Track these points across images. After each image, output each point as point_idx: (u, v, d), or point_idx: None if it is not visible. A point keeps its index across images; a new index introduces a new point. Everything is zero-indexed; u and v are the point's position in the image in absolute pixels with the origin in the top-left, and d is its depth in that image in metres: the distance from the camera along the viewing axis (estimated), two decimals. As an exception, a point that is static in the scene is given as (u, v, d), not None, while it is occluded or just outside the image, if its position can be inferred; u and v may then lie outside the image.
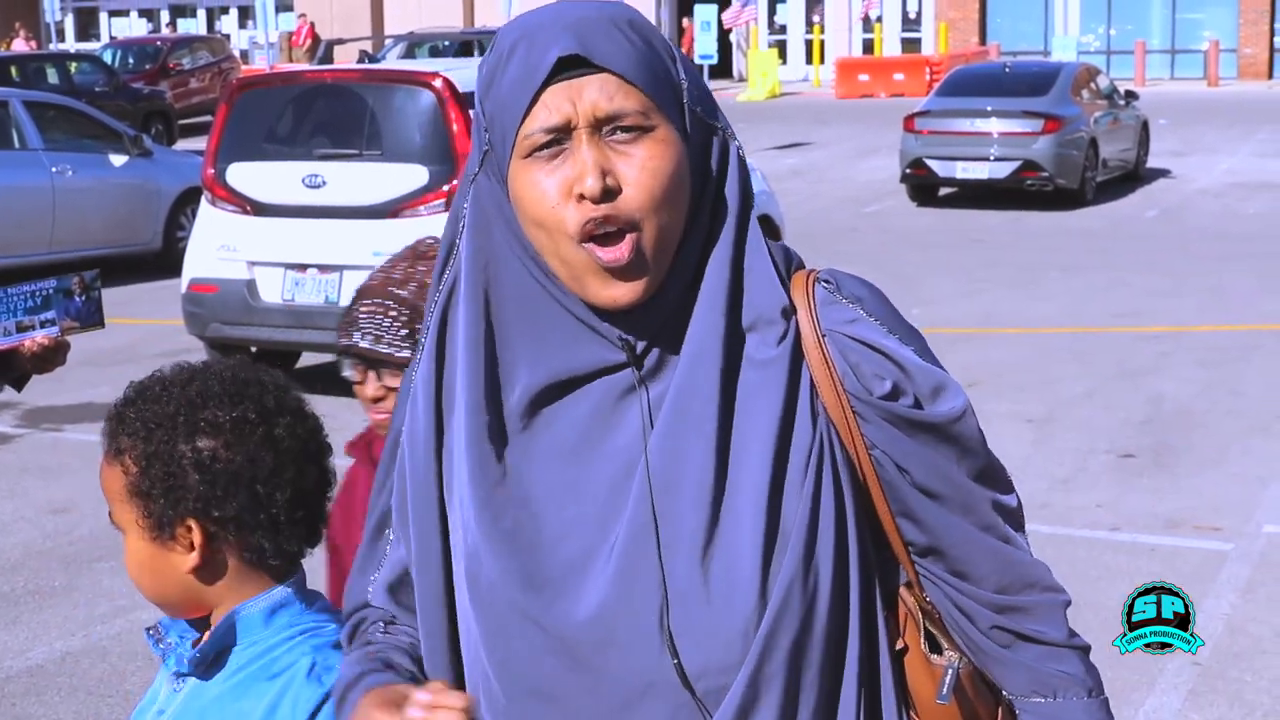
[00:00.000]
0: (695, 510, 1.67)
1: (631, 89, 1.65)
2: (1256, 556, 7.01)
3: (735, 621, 1.66)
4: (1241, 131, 27.51)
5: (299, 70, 14.81)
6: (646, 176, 1.65)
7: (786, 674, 1.68)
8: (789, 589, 1.67)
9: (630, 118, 1.65)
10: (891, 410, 1.71)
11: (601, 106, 1.65)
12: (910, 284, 14.15)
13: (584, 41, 1.65)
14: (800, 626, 1.68)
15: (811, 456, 1.70)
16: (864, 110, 33.55)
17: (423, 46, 29.27)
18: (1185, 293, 13.75)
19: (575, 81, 1.65)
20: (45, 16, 41.27)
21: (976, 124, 19.80)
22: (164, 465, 2.04)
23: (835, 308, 1.74)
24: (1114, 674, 5.67)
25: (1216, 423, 9.29)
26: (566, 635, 1.68)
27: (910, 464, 1.73)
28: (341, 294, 9.67)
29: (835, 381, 1.71)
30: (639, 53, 1.67)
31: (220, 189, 10.20)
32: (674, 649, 1.66)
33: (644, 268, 1.66)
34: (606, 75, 1.65)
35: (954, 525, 1.76)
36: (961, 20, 43.67)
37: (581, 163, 1.64)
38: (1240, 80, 41.09)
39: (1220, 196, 20.48)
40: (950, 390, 1.74)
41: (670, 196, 1.66)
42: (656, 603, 1.66)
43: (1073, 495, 7.94)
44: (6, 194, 14.28)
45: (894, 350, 1.73)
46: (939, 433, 1.73)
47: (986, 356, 11.06)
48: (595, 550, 1.69)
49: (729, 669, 1.67)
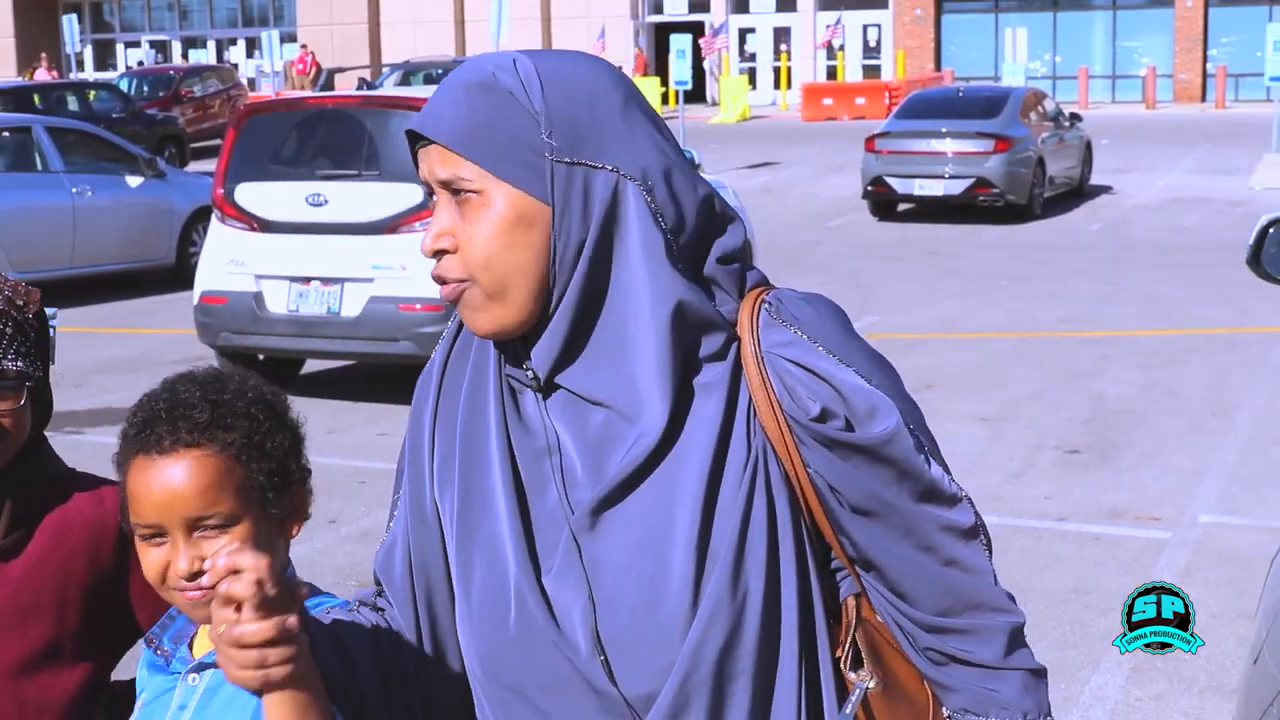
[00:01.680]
0: (629, 528, 1.68)
1: (459, 158, 1.67)
2: (1193, 544, 7.03)
3: (662, 631, 1.65)
4: (1178, 150, 27.58)
5: (302, 97, 14.79)
6: (467, 239, 1.68)
7: (714, 683, 1.66)
8: (717, 602, 1.65)
9: (460, 183, 1.68)
10: (822, 433, 1.66)
11: (438, 173, 1.69)
12: (870, 293, 14.16)
13: (429, 113, 1.69)
14: (728, 638, 1.65)
15: (745, 475, 1.67)
16: (828, 132, 33.57)
17: (418, 74, 29.24)
18: (1126, 300, 13.77)
19: (427, 148, 1.70)
20: (66, 48, 41.13)
21: (932, 144, 19.83)
22: (279, 459, 1.94)
23: (775, 329, 1.70)
24: (1061, 655, 5.71)
25: (1155, 420, 9.31)
26: (524, 635, 1.70)
27: (842, 485, 1.68)
28: (343, 305, 9.66)
29: (773, 403, 1.67)
30: (475, 121, 1.67)
31: (229, 207, 10.17)
32: (603, 653, 1.66)
33: (486, 307, 1.69)
34: (439, 146, 1.69)
35: (890, 546, 1.71)
36: (918, 48, 43.74)
37: (431, 221, 1.72)
38: (1176, 103, 41.21)
39: (1158, 211, 20.53)
40: (881, 412, 1.68)
41: (498, 250, 1.67)
42: (588, 608, 1.68)
43: (1023, 488, 7.95)
44: (30, 213, 14.22)
45: (828, 372, 1.68)
46: (870, 455, 1.68)
47: (942, 360, 11.07)
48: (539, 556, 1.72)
49: (656, 675, 1.66)
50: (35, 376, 2.18)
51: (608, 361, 1.68)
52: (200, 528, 1.87)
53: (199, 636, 2.07)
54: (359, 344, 9.75)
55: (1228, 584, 6.44)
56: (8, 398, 2.15)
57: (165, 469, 1.87)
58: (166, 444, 1.88)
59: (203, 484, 1.86)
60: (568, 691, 1.68)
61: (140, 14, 52.72)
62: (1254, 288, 12.44)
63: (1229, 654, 5.60)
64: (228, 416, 1.91)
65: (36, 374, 2.18)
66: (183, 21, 52.40)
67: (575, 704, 1.68)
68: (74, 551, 2.20)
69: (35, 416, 2.22)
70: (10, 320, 2.16)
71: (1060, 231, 18.96)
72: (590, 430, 1.70)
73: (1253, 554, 6.75)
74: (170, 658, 2.05)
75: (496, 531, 1.72)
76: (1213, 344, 11.55)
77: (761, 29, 45.78)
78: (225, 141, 10.63)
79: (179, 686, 2.05)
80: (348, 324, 9.64)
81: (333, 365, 11.02)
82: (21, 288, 2.23)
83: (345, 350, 9.97)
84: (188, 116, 32.29)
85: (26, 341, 2.18)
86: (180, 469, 1.86)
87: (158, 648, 2.06)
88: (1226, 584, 6.44)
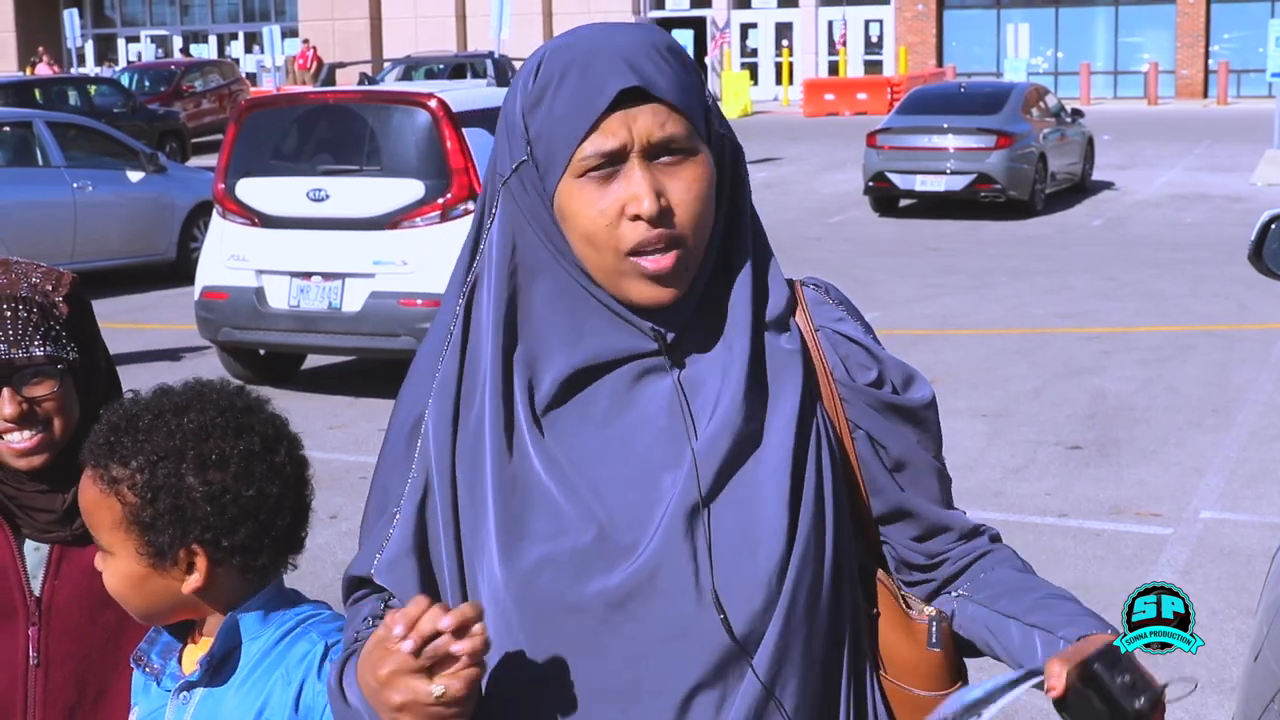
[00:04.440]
0: (731, 473, 1.73)
1: (679, 116, 1.70)
2: (1194, 540, 7.04)
3: (761, 573, 1.71)
4: (1179, 147, 27.58)
5: (303, 91, 14.77)
6: (692, 199, 1.70)
7: (807, 625, 1.73)
8: (807, 545, 1.73)
9: (678, 143, 1.69)
10: (876, 396, 1.82)
11: (655, 134, 1.68)
12: (871, 289, 14.16)
13: (640, 73, 1.68)
14: (813, 581, 1.74)
15: (816, 432, 1.78)
16: (829, 128, 33.56)
17: (419, 69, 29.18)
18: (1126, 296, 13.77)
19: (631, 110, 1.68)
20: (67, 42, 41.12)
21: (934, 140, 19.82)
22: (172, 498, 1.93)
23: (825, 308, 1.85)
24: (1062, 650, 5.71)
25: (1156, 417, 9.31)
26: (607, 588, 1.69)
27: (888, 441, 1.83)
28: (344, 300, 9.67)
29: (827, 371, 1.82)
30: (681, 80, 1.71)
31: (230, 202, 10.18)
32: (718, 599, 1.69)
33: (683, 274, 1.72)
34: (658, 104, 1.69)
35: (921, 489, 1.87)
36: (920, 44, 43.71)
37: (638, 186, 1.68)
38: (1178, 99, 41.19)
39: (1160, 207, 20.52)
40: (919, 381, 1.87)
41: (708, 213, 1.73)
42: (698, 555, 1.70)
43: (1023, 484, 7.96)
44: (31, 208, 14.23)
45: (872, 346, 1.85)
46: (913, 416, 1.84)
47: (943, 356, 11.07)
48: (639, 507, 1.71)
49: (758, 616, 1.70)
50: (67, 359, 2.18)
51: (713, 323, 1.77)
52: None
53: (188, 652, 2.06)
54: (360, 339, 9.76)
55: (1228, 580, 6.44)
56: (43, 382, 2.16)
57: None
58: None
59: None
60: (666, 644, 1.69)
61: (141, 8, 52.72)
62: (1255, 284, 12.48)
63: (1230, 650, 5.61)
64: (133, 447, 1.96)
65: (70, 356, 2.18)
66: (184, 16, 52.39)
67: (677, 653, 1.69)
68: None
69: (101, 400, 2.22)
70: (35, 306, 2.17)
71: (1061, 228, 18.96)
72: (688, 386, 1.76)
73: (1253, 550, 6.76)
74: (160, 674, 2.04)
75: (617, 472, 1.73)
76: (1214, 340, 11.55)
77: (763, 24, 45.75)
78: (226, 136, 10.63)
79: (169, 704, 2.03)
80: (349, 319, 9.64)
81: (334, 360, 11.03)
82: (54, 273, 2.25)
83: (346, 345, 9.98)
84: (189, 111, 32.29)
85: (55, 325, 2.18)
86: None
87: (146, 665, 2.05)
88: (1227, 580, 6.44)
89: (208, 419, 1.97)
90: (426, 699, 1.55)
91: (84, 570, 2.17)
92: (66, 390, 2.18)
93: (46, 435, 2.17)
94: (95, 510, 1.97)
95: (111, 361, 2.35)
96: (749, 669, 1.70)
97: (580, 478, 1.72)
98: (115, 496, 1.95)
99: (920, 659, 1.84)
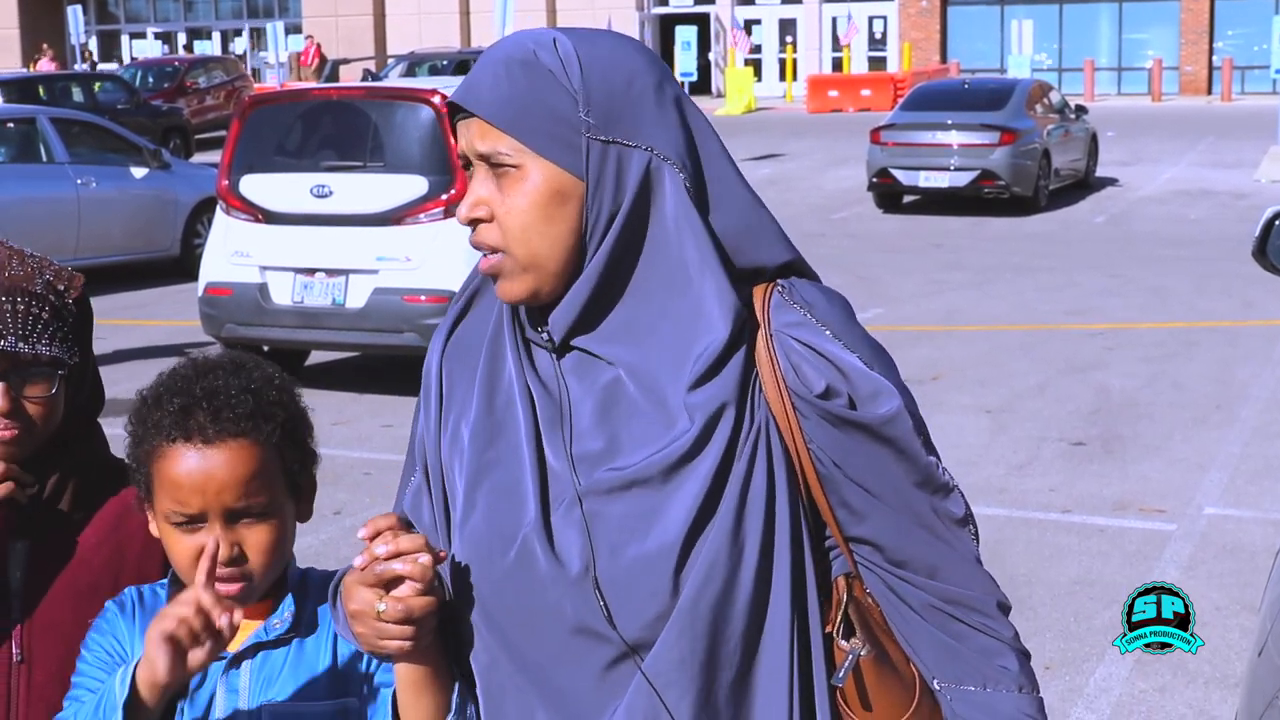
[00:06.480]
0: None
1: (499, 133, 1.73)
2: (1197, 536, 7.03)
3: (659, 580, 1.70)
4: (1183, 143, 27.55)
5: (307, 88, 14.77)
6: (504, 211, 1.74)
7: (709, 638, 1.70)
8: (714, 557, 1.70)
9: (499, 156, 1.73)
10: (825, 408, 1.73)
11: (477, 147, 1.74)
12: (875, 285, 14.16)
13: (469, 86, 1.75)
14: (721, 594, 1.70)
15: (747, 445, 1.72)
16: (833, 124, 33.54)
17: (422, 65, 29.19)
18: (1130, 292, 13.77)
19: (468, 120, 1.75)
20: (70, 39, 41.12)
21: (938, 136, 19.82)
22: (299, 449, 2.02)
23: (785, 311, 1.77)
24: (1065, 647, 5.71)
25: (1160, 413, 9.31)
26: (515, 575, 1.75)
27: (845, 460, 1.75)
28: (347, 297, 9.67)
29: (779, 378, 1.74)
30: (513, 97, 1.72)
31: (234, 199, 10.18)
32: (602, 596, 1.70)
33: (519, 275, 1.75)
34: (479, 119, 1.74)
35: (889, 518, 1.77)
36: (924, 40, 43.69)
37: (468, 191, 1.77)
38: (1182, 95, 41.15)
39: (1163, 203, 20.51)
40: (884, 395, 1.75)
41: (533, 223, 1.73)
42: (587, 549, 1.72)
43: (1027, 480, 7.95)
44: (35, 204, 14.22)
45: (834, 354, 1.74)
46: (871, 433, 1.74)
47: (947, 352, 11.07)
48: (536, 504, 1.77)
49: (653, 624, 1.70)
50: (69, 364, 2.15)
51: (624, 328, 1.76)
52: (242, 515, 1.95)
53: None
54: (364, 335, 9.76)
55: (1232, 576, 6.44)
56: (39, 383, 2.13)
57: (210, 458, 1.93)
58: (210, 433, 1.93)
59: (248, 473, 1.94)
60: (560, 631, 1.73)
61: (145, 5, 52.72)
62: (1259, 280, 12.46)
63: (1233, 646, 5.61)
64: (266, 406, 1.98)
65: (71, 361, 2.16)
66: (188, 13, 52.40)
67: (572, 645, 1.73)
68: (130, 537, 2.20)
69: (86, 403, 2.21)
70: (48, 305, 2.14)
71: (1065, 224, 18.95)
72: (599, 388, 1.76)
73: (1257, 546, 6.75)
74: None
75: (513, 476, 1.77)
76: (1217, 337, 11.55)
77: (767, 20, 45.73)
78: (230, 133, 10.62)
79: (219, 680, 2.00)
80: (352, 315, 9.64)
81: (337, 357, 11.03)
82: (65, 272, 2.22)
83: (350, 341, 9.98)
84: (192, 108, 32.30)
85: (64, 327, 2.16)
86: (225, 458, 1.93)
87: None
88: (1230, 576, 6.44)
89: (273, 375, 2.05)
90: (371, 612, 1.72)
91: (66, 565, 2.17)
92: (59, 394, 2.16)
93: (25, 432, 2.12)
94: (260, 475, 1.96)
95: (98, 371, 2.30)
96: (638, 671, 1.71)
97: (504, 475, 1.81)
98: (277, 452, 1.98)
99: (856, 693, 1.78)
